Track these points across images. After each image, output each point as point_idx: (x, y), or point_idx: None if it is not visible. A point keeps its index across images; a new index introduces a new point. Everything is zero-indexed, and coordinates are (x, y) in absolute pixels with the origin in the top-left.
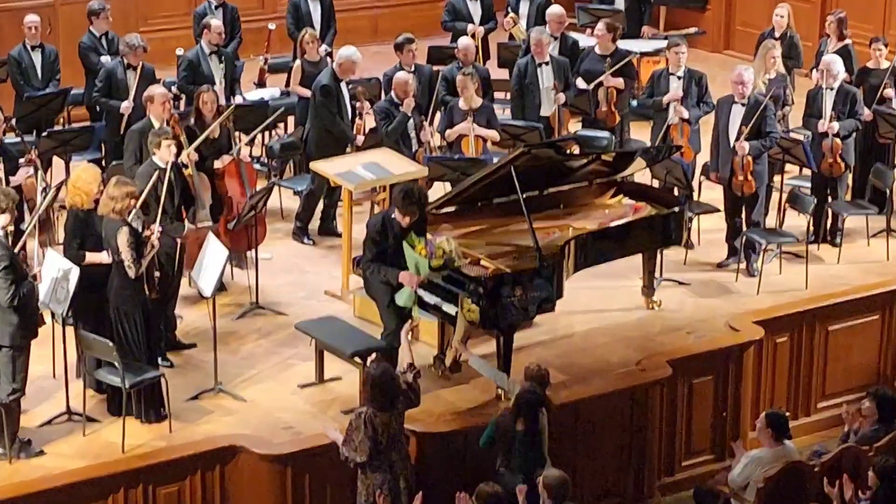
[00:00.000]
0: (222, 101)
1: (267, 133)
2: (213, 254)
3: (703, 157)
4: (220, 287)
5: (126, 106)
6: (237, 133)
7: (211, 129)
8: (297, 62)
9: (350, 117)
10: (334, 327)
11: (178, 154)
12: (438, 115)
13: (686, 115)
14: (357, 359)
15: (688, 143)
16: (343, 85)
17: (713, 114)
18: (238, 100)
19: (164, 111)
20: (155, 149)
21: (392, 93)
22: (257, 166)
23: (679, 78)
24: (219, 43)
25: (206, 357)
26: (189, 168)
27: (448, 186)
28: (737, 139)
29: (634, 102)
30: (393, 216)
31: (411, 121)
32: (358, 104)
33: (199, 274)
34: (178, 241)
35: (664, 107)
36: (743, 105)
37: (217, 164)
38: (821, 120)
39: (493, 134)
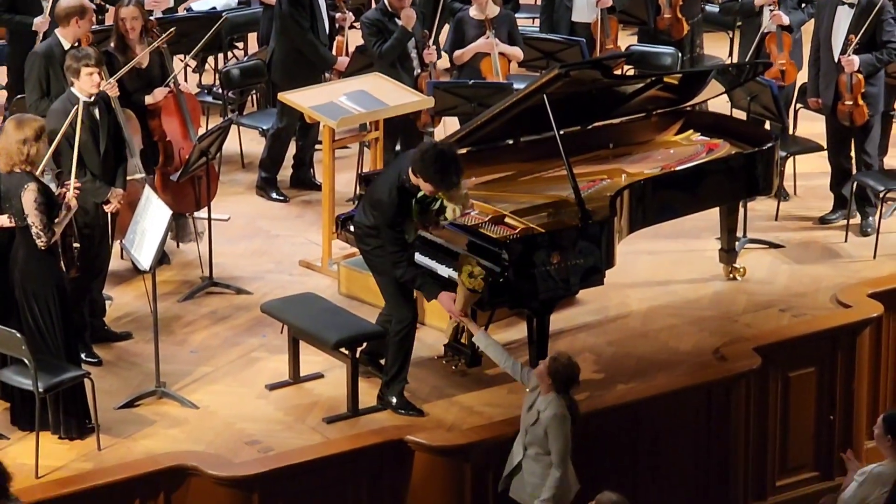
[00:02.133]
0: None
1: (221, 54)
2: (152, 215)
3: (804, 75)
4: (162, 258)
5: (41, 21)
6: (181, 57)
7: (138, 59)
8: None
9: (327, 32)
10: (313, 309)
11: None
12: (446, 29)
13: (786, 21)
14: (344, 350)
15: (790, 59)
16: None
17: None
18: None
19: (87, 31)
20: (74, 77)
21: None
22: (208, 98)
23: None
24: None
25: (144, 351)
26: (112, 104)
27: (459, 122)
28: (843, 52)
29: (714, 8)
30: (408, 185)
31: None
32: (338, 15)
33: (134, 242)
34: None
35: (756, 10)
36: (851, 7)
37: (149, 100)
38: None
39: (515, 52)
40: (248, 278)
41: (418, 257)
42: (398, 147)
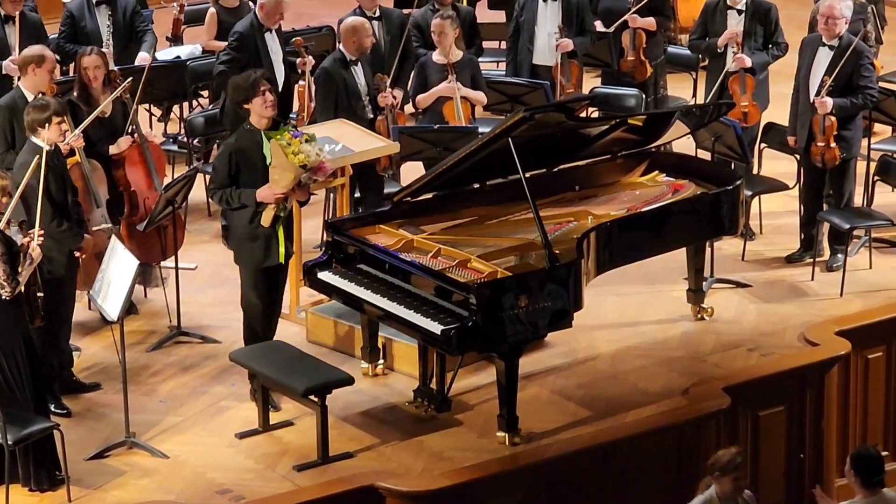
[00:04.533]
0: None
1: (186, 103)
2: (119, 265)
3: (769, 115)
4: (130, 308)
5: (10, 65)
6: (146, 106)
7: (101, 109)
8: (212, 9)
9: (284, 77)
10: (282, 357)
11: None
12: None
13: (749, 63)
14: (314, 397)
15: (753, 100)
16: (271, 35)
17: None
18: (144, 59)
19: (51, 80)
20: (40, 127)
21: (341, 45)
22: (173, 147)
23: (740, 12)
24: None
25: (113, 401)
26: (77, 155)
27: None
28: (817, 93)
29: (677, 49)
30: (249, 126)
31: (362, 81)
32: (298, 60)
33: (101, 292)
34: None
35: (721, 51)
36: (832, 49)
37: (113, 150)
38: None
39: (478, 96)
40: (216, 327)
41: (380, 299)
42: (357, 193)
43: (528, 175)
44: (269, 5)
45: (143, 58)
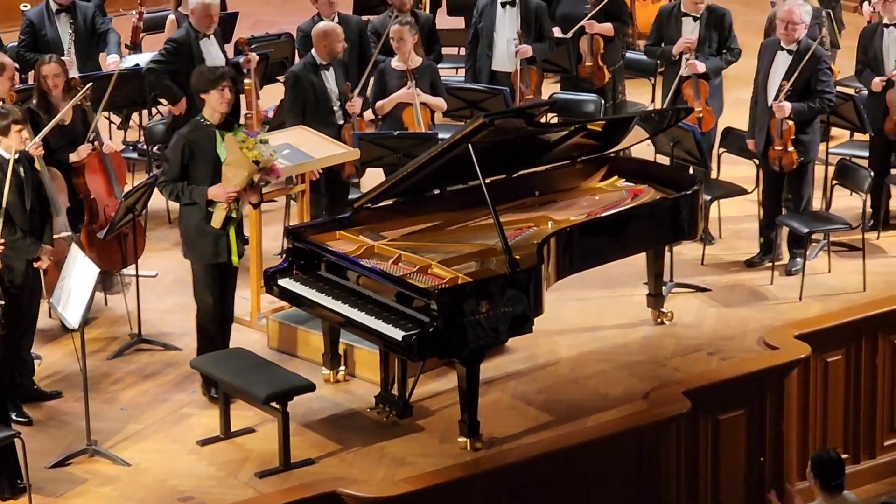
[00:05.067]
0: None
1: (145, 111)
2: (79, 273)
3: (727, 120)
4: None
5: None
6: (105, 114)
7: (60, 116)
8: (171, 15)
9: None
10: (243, 364)
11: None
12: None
13: (701, 69)
14: (275, 404)
15: (706, 106)
16: (209, 40)
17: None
18: (112, 64)
19: (11, 88)
20: (1, 135)
21: (313, 51)
22: (133, 155)
23: (695, 18)
24: None
25: (74, 409)
26: (37, 163)
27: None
28: (776, 98)
29: (635, 55)
30: (203, 120)
31: (333, 86)
32: (242, 59)
33: (61, 300)
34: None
35: (675, 58)
36: (790, 53)
37: (73, 157)
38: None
39: (438, 102)
40: (176, 334)
41: (341, 305)
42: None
43: (488, 181)
44: (198, 11)
45: (113, 61)
